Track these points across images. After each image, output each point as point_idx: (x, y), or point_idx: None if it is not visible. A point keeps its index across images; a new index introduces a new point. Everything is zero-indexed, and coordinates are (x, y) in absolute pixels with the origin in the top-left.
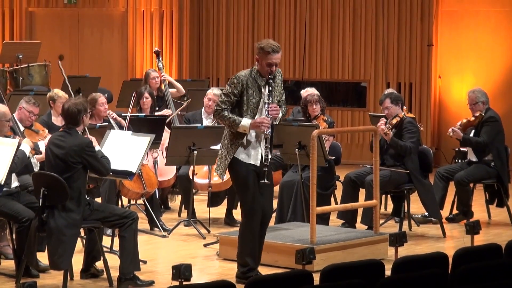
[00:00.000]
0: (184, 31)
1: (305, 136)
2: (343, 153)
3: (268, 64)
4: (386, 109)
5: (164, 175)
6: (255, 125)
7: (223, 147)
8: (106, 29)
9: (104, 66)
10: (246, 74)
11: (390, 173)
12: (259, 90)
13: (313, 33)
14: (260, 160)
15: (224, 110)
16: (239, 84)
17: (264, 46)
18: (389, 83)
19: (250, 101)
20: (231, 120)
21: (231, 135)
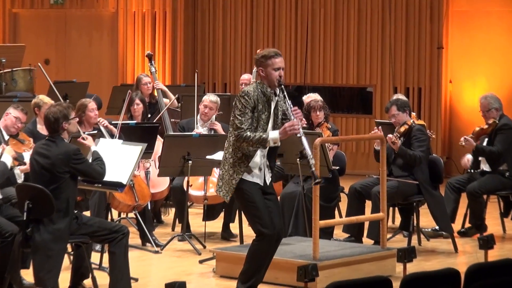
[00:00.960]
0: (178, 33)
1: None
2: (347, 163)
3: (276, 69)
4: (393, 117)
5: (157, 186)
6: (286, 132)
7: (227, 165)
8: (95, 31)
9: (93, 71)
10: (254, 89)
11: (398, 184)
12: (268, 104)
13: (316, 35)
14: (264, 181)
15: (247, 130)
16: (251, 99)
17: (265, 53)
18: (397, 88)
19: (260, 117)
20: (258, 139)
21: (238, 153)
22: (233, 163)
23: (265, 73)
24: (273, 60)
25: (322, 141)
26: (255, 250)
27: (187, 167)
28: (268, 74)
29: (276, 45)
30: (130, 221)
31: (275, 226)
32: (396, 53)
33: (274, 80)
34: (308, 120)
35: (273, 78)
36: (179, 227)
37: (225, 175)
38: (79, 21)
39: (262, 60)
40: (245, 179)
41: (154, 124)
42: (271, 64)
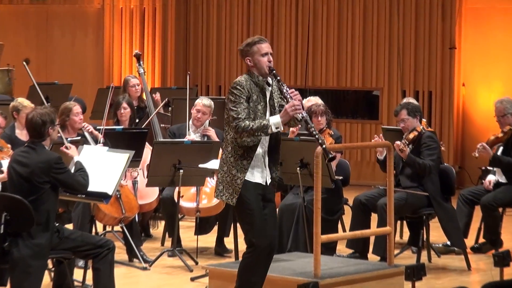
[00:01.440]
0: (169, 31)
1: (308, 153)
2: (352, 173)
3: (263, 54)
4: (402, 121)
5: (145, 197)
6: (287, 113)
7: (228, 166)
8: (79, 29)
9: (77, 72)
10: (246, 78)
11: (406, 195)
12: (262, 94)
13: (318, 33)
14: (265, 179)
15: (244, 120)
16: (244, 89)
17: (249, 41)
18: (405, 91)
19: (256, 107)
20: (258, 126)
21: (239, 150)
22: (234, 161)
23: (253, 61)
24: (259, 46)
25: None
26: (246, 264)
27: (178, 176)
28: (256, 62)
29: (275, 44)
30: (116, 235)
31: (268, 237)
32: (404, 53)
33: (264, 67)
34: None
35: (262, 65)
36: (169, 241)
37: (226, 176)
38: (61, 17)
39: (247, 48)
40: (247, 180)
41: (142, 129)
42: (257, 50)
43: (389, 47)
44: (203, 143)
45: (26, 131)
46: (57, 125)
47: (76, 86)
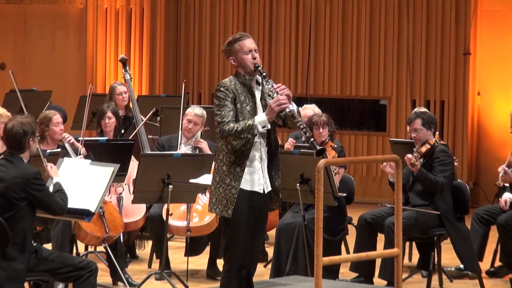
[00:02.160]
0: (158, 33)
1: (309, 167)
2: (357, 189)
3: (247, 51)
4: (415, 131)
5: (131, 215)
6: (272, 109)
7: (220, 175)
8: (60, 30)
9: (57, 78)
10: (232, 80)
11: (416, 214)
12: (251, 94)
13: (320, 37)
14: (263, 187)
15: (229, 123)
16: (229, 90)
17: (230, 39)
18: (415, 101)
19: (244, 109)
20: (244, 127)
21: (231, 157)
22: (227, 170)
23: (237, 60)
24: (241, 43)
25: (327, 163)
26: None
27: (167, 192)
28: (240, 61)
29: (273, 48)
30: (99, 256)
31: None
32: (414, 59)
33: (249, 65)
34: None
35: (247, 62)
36: (157, 263)
37: (218, 187)
38: (40, 18)
39: (228, 48)
40: (242, 188)
41: (128, 141)
42: (239, 48)
43: (398, 52)
44: (195, 156)
45: (2, 142)
46: (37, 136)
47: (56, 93)
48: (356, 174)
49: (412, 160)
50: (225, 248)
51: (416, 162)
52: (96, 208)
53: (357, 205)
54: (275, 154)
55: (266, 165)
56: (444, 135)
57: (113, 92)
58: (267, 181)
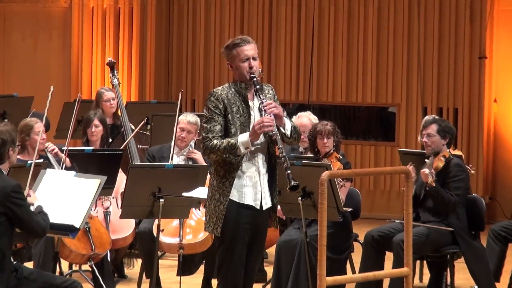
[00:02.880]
0: (148, 35)
1: (312, 180)
2: (363, 204)
3: (244, 59)
4: (428, 136)
5: (119, 231)
6: (254, 131)
7: (212, 190)
8: (42, 31)
9: (39, 82)
10: (225, 88)
11: (427, 231)
12: (245, 104)
13: (324, 40)
14: (260, 201)
15: (213, 139)
16: (219, 100)
17: (228, 43)
18: (427, 108)
19: (236, 120)
20: (226, 146)
21: (220, 171)
22: (217, 184)
23: (234, 67)
24: (239, 50)
25: (331, 175)
26: None
27: (158, 206)
28: (236, 68)
29: (273, 51)
30: (84, 275)
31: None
32: (426, 63)
33: (244, 74)
34: (313, 148)
35: (243, 71)
36: (147, 283)
37: (211, 203)
38: (21, 18)
39: (227, 52)
40: (233, 200)
41: (116, 151)
42: (236, 54)
43: (408, 56)
44: (188, 167)
45: None
46: (18, 145)
47: (38, 100)
48: (362, 187)
49: (429, 179)
50: (218, 267)
51: (432, 183)
52: (81, 223)
53: (364, 221)
54: (275, 169)
55: (266, 180)
56: (458, 146)
57: (100, 98)
58: (266, 197)
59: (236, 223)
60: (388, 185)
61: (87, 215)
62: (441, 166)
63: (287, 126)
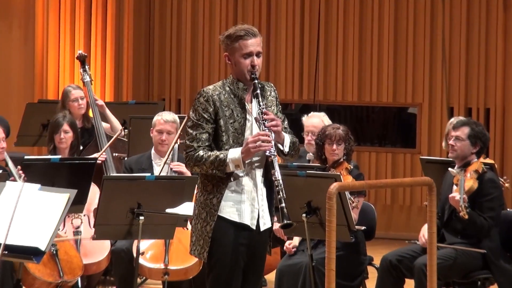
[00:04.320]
0: (125, 24)
1: (318, 193)
2: (379, 221)
3: (245, 55)
4: (456, 139)
5: (92, 254)
6: (248, 149)
7: (198, 207)
8: (1, 21)
9: None
10: (217, 87)
11: (455, 253)
12: (241, 106)
13: (331, 30)
14: (257, 220)
15: (198, 150)
16: (209, 102)
17: (230, 32)
18: (453, 108)
19: (229, 126)
20: (213, 160)
21: (208, 185)
22: (204, 201)
23: (233, 61)
24: (242, 43)
25: (341, 188)
26: None
27: (138, 225)
28: (236, 63)
29: (272, 44)
30: None
31: None
32: (452, 57)
33: (244, 72)
34: (321, 155)
35: (242, 68)
36: None
37: (197, 223)
38: None
39: (226, 42)
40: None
41: (88, 160)
42: (238, 47)
43: (431, 48)
44: (173, 179)
45: None
46: None
47: None
48: (378, 201)
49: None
50: None
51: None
52: (46, 245)
53: (379, 242)
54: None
55: (265, 196)
56: (489, 152)
57: (66, 97)
58: (265, 215)
59: (227, 246)
60: (408, 199)
61: (53, 236)
62: (475, 188)
63: (286, 141)
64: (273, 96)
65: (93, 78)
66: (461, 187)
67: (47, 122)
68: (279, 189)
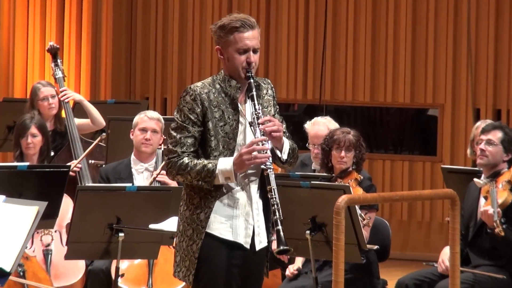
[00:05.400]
0: (104, 14)
1: (324, 207)
2: (393, 240)
3: (241, 50)
4: (487, 143)
5: (64, 276)
6: (242, 160)
7: (183, 224)
8: None
9: None
10: (206, 85)
11: (476, 278)
12: (233, 107)
13: (340, 22)
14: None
15: (182, 156)
16: (197, 102)
17: (225, 22)
18: (479, 110)
19: (219, 129)
20: (199, 171)
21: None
22: (190, 216)
23: (225, 56)
24: (237, 36)
25: (350, 202)
26: None
27: (117, 243)
28: (229, 58)
29: (272, 38)
30: None
31: None
32: (478, 53)
33: (238, 70)
34: (327, 162)
35: (237, 65)
36: None
37: (182, 241)
38: None
39: (219, 33)
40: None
41: (60, 168)
42: (233, 41)
43: (454, 43)
44: (156, 189)
45: None
46: None
47: None
48: (393, 217)
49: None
50: None
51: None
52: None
53: (394, 263)
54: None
55: (262, 212)
56: None
57: (35, 95)
58: (261, 232)
59: (218, 267)
60: (427, 214)
61: (20, 255)
62: (510, 201)
63: (285, 147)
64: (270, 95)
65: (66, 74)
66: (494, 200)
67: (13, 124)
68: (275, 208)
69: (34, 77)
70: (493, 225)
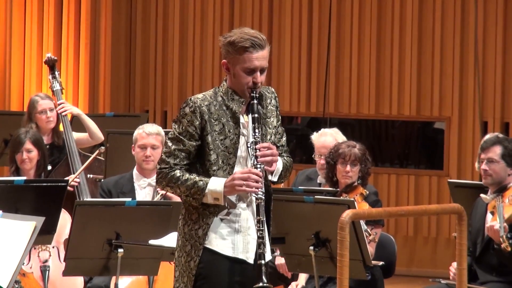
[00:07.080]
0: (102, 24)
1: (328, 223)
2: (399, 256)
3: (248, 70)
4: (488, 162)
5: None
6: (233, 185)
7: (182, 237)
8: None
9: None
10: (207, 97)
11: None
12: (234, 121)
13: (344, 33)
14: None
15: (174, 168)
16: (196, 114)
17: (235, 39)
18: (487, 123)
19: (219, 143)
20: (189, 186)
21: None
22: (188, 232)
23: (232, 71)
24: (246, 56)
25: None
26: None
27: (116, 259)
28: (235, 75)
29: (274, 47)
30: None
31: None
32: (486, 63)
33: (243, 88)
34: (332, 177)
35: (242, 83)
36: None
37: (181, 256)
38: None
39: (228, 48)
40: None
41: (58, 182)
42: (241, 60)
43: (461, 52)
44: (157, 204)
45: None
46: None
47: None
48: (398, 232)
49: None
50: None
51: (508, 247)
52: (8, 283)
53: (400, 280)
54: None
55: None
56: None
57: (33, 108)
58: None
59: (218, 284)
60: (434, 230)
61: (17, 272)
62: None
63: (276, 170)
64: (273, 105)
65: (64, 86)
66: (500, 215)
67: (9, 138)
68: (260, 241)
69: (31, 89)
70: (499, 241)
